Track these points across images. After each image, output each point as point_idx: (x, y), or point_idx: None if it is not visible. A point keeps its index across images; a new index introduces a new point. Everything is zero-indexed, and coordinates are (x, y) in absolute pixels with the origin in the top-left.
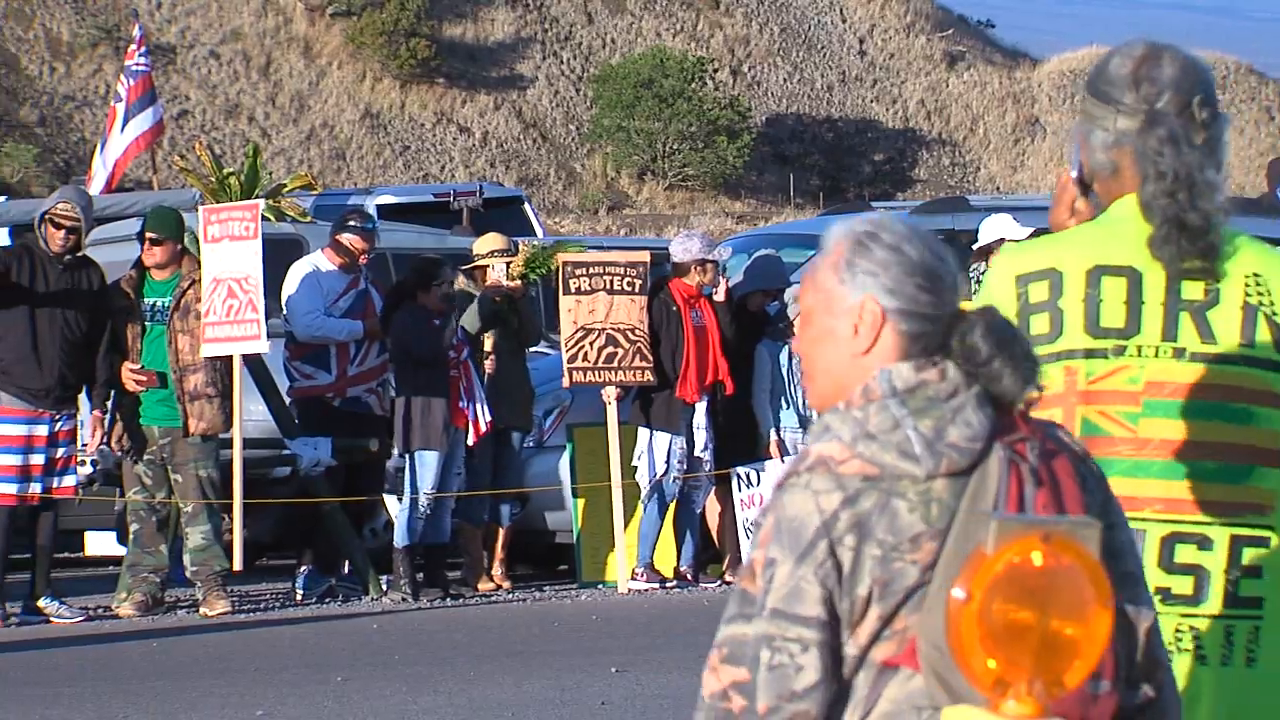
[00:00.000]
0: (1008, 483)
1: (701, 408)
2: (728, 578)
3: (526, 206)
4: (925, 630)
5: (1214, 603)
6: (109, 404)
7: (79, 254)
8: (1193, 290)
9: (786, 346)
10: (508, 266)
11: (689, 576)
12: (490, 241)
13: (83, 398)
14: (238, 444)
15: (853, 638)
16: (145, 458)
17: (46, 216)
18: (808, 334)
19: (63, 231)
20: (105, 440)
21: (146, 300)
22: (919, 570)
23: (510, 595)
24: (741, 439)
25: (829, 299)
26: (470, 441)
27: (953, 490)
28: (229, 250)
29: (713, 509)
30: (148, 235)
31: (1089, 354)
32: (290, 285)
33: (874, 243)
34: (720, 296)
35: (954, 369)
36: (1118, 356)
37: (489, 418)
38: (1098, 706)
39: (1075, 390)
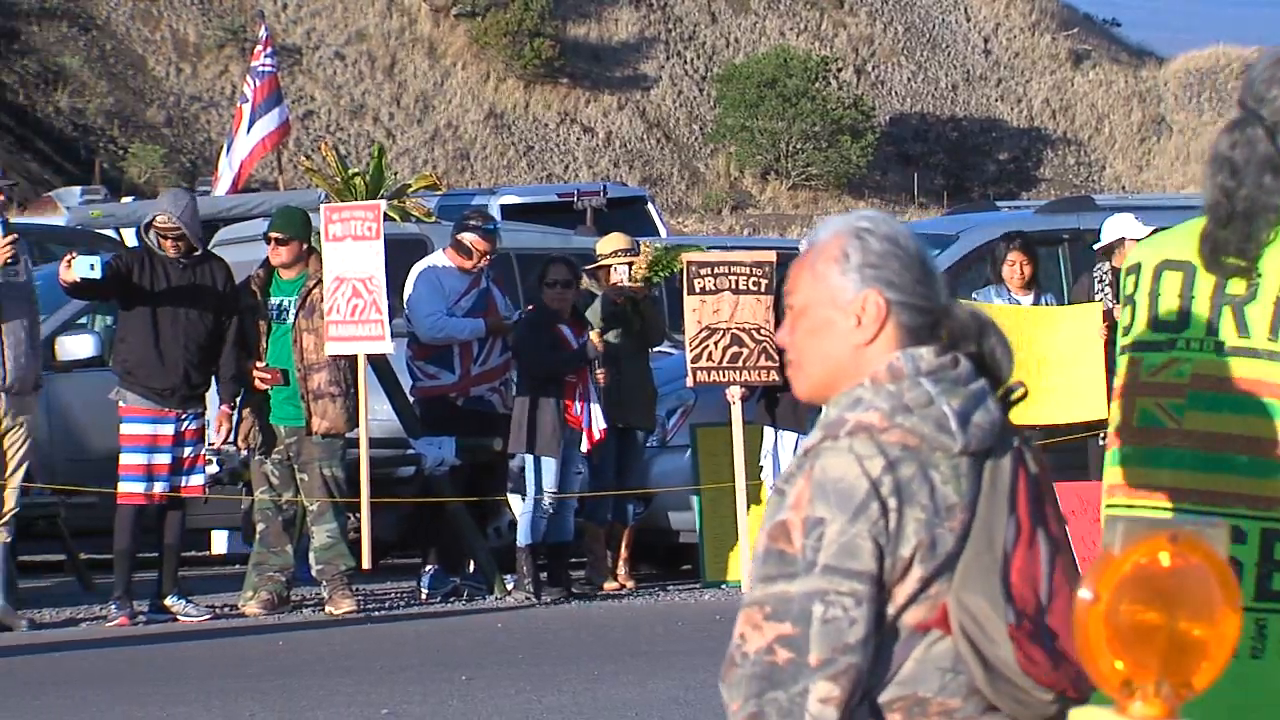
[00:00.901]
0: (1018, 471)
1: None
2: None
3: (650, 206)
4: (960, 598)
5: (1246, 596)
6: (237, 401)
7: (202, 254)
8: (1236, 286)
9: None
10: (630, 267)
11: None
12: (613, 241)
13: (211, 396)
14: (364, 443)
15: (891, 598)
16: (273, 457)
17: (148, 224)
18: (802, 325)
19: (170, 240)
20: (232, 438)
21: (273, 299)
22: (954, 539)
23: (633, 595)
24: None
25: (831, 291)
26: (584, 449)
27: (974, 469)
28: (351, 250)
29: None
30: (273, 235)
31: (1149, 346)
32: (411, 286)
33: (871, 236)
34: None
35: (964, 359)
36: (1170, 350)
37: (604, 425)
38: (1086, 685)
39: (1137, 382)
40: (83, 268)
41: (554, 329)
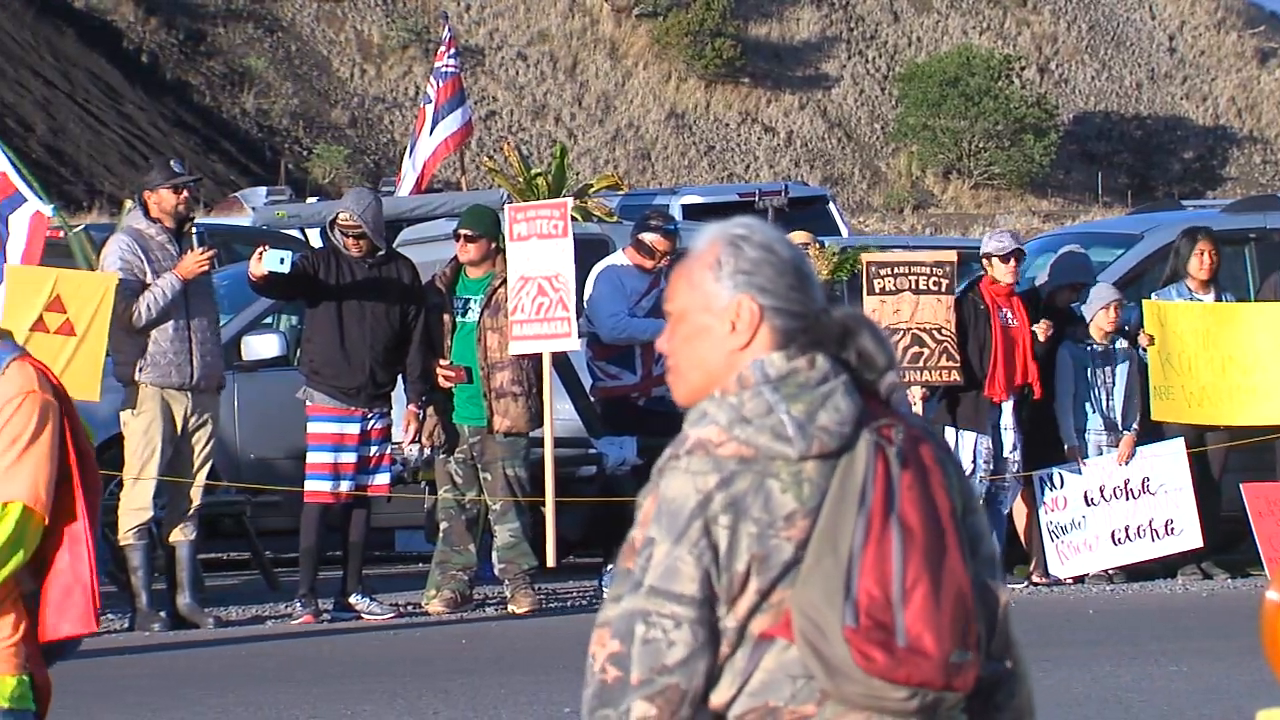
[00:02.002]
0: (875, 464)
1: (1008, 408)
2: (1034, 579)
3: (831, 206)
4: (799, 603)
5: None
6: (423, 401)
7: (387, 253)
8: None
9: (1089, 349)
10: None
11: None
12: (796, 238)
13: (397, 395)
14: (548, 442)
15: (731, 611)
16: (456, 455)
17: (333, 222)
18: (680, 331)
19: (352, 239)
20: (417, 437)
21: (459, 297)
22: (793, 546)
23: None
24: (1046, 442)
25: (706, 298)
26: None
27: (822, 471)
28: (536, 248)
29: (1020, 510)
30: (462, 232)
31: None
32: (593, 285)
33: (746, 244)
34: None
35: (823, 358)
36: None
37: None
38: (961, 675)
39: None
40: (272, 261)
41: None
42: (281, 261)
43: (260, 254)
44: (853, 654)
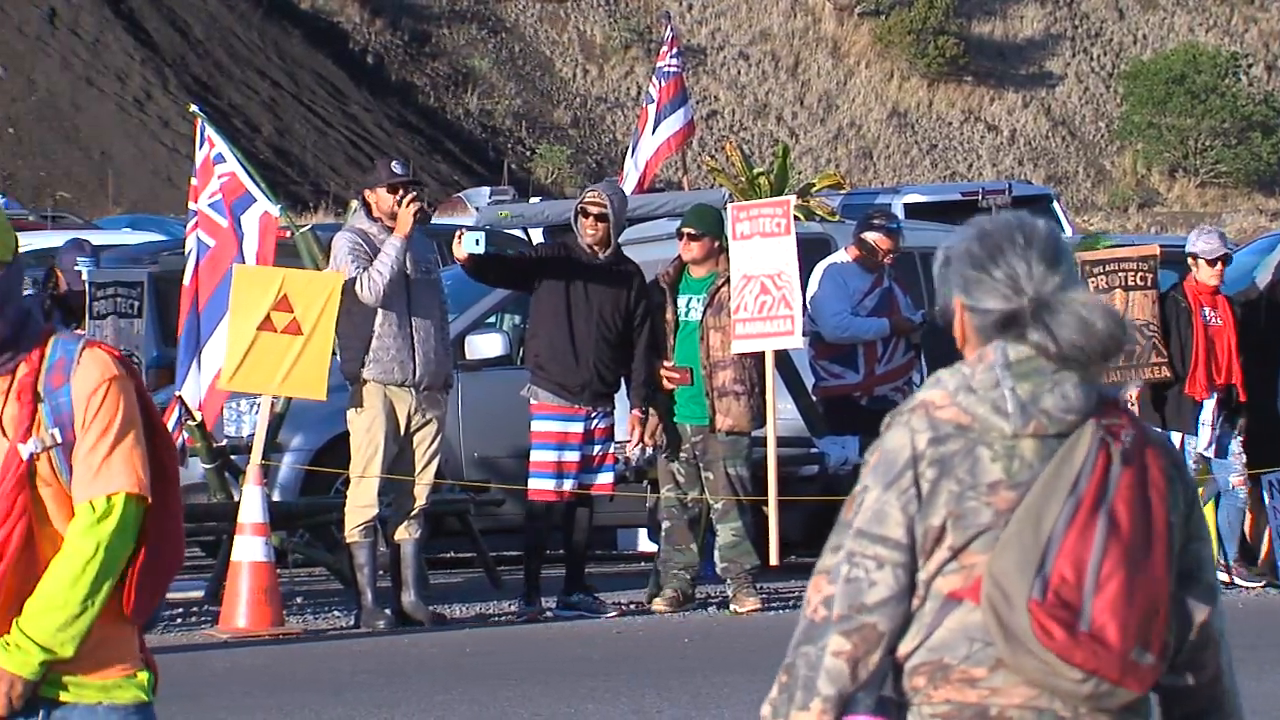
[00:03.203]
0: (1096, 456)
1: (1210, 405)
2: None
3: (1055, 204)
4: (992, 569)
5: None
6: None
7: (616, 253)
8: None
9: None
10: None
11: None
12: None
13: (620, 396)
14: (772, 440)
15: (925, 566)
16: (679, 455)
17: (580, 207)
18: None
19: (591, 219)
20: (640, 440)
21: (682, 296)
22: (992, 513)
23: None
24: (1274, 441)
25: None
26: None
27: (1040, 452)
28: (759, 247)
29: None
30: (687, 231)
31: None
32: (815, 285)
33: (958, 245)
34: None
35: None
36: None
37: None
38: (1138, 674)
39: None
40: (470, 243)
41: None
42: (477, 243)
43: (459, 236)
44: (1033, 625)
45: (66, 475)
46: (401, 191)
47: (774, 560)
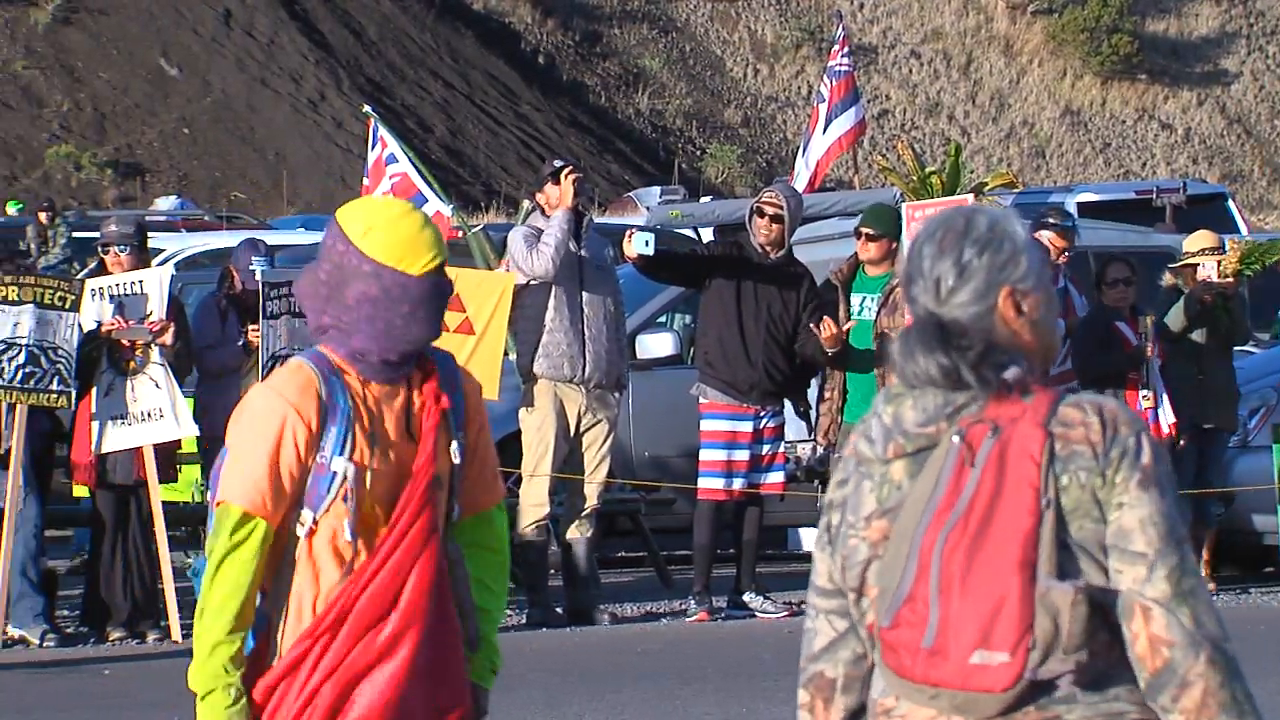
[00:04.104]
0: (953, 462)
1: None
2: None
3: (1230, 203)
4: (873, 601)
5: None
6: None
7: (788, 254)
8: None
9: None
10: (1218, 264)
11: None
12: (1201, 239)
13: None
14: None
15: (855, 609)
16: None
17: (756, 207)
18: None
19: (766, 219)
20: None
21: (855, 295)
22: (868, 546)
23: (1215, 596)
24: None
25: None
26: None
27: (909, 471)
28: None
29: None
30: (864, 231)
31: None
32: None
33: None
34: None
35: (928, 359)
36: None
37: (1171, 419)
38: (988, 676)
39: None
40: (639, 244)
41: (1112, 327)
42: (646, 244)
43: (629, 237)
44: (884, 653)
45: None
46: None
47: None
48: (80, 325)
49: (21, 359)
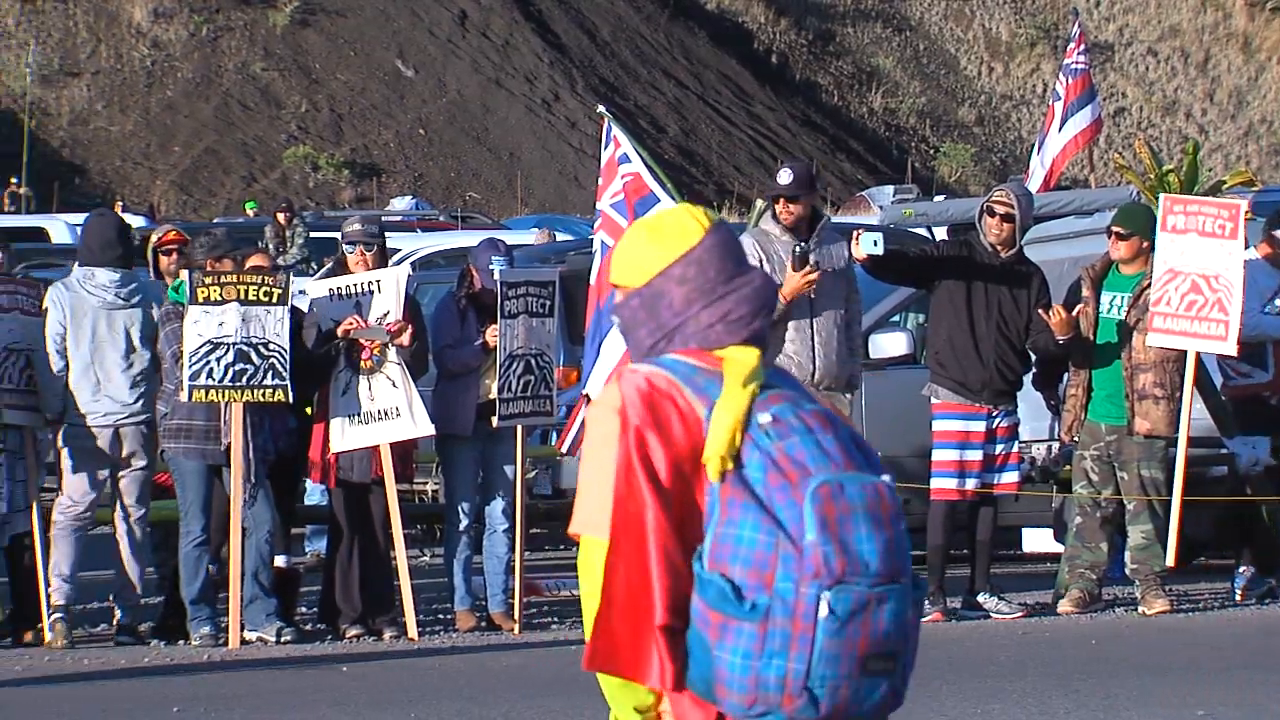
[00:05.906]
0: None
1: None
2: None
3: None
4: None
5: None
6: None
7: (1018, 254)
8: None
9: None
10: None
11: None
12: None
13: (1025, 393)
14: (1183, 441)
15: None
16: (1091, 453)
17: (986, 206)
18: None
19: (997, 219)
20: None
21: (1106, 294)
22: None
23: None
24: None
25: None
26: None
27: None
28: (1194, 244)
29: None
30: (1115, 230)
31: None
32: None
33: None
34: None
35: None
36: None
37: None
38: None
39: None
40: (867, 244)
41: None
42: (875, 244)
43: (857, 237)
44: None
45: None
46: (798, 251)
47: (1170, 560)
48: (287, 319)
49: (230, 358)
